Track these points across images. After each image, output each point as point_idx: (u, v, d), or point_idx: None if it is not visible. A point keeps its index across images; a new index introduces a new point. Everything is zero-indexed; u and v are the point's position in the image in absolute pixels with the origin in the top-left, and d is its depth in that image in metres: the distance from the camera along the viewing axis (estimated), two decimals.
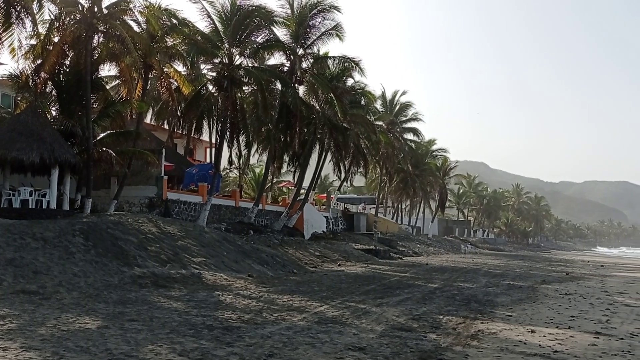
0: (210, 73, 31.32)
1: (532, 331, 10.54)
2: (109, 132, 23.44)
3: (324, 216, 42.37)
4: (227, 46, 28.01)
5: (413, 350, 8.46)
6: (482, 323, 11.35)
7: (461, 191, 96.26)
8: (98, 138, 22.74)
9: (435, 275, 23.77)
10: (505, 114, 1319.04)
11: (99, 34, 22.72)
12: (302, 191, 38.43)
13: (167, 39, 26.22)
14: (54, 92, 23.46)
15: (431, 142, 67.52)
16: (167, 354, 7.56)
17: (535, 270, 31.55)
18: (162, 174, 27.32)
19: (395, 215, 68.43)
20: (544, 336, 10.06)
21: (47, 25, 22.26)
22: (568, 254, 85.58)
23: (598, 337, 10.15)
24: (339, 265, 26.41)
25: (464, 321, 11.49)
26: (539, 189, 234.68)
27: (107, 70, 25.50)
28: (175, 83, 27.75)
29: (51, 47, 21.62)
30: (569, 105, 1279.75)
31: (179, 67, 28.22)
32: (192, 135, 34.43)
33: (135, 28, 24.12)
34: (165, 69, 26.18)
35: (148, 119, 35.10)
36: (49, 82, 22.66)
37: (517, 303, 15.12)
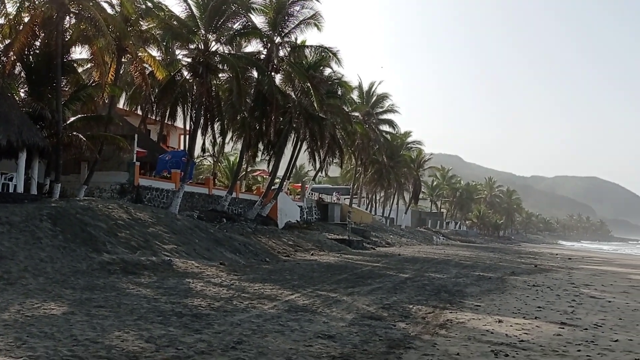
0: (185, 59, 30.86)
1: (500, 321, 10.70)
2: (79, 116, 22.95)
3: (298, 206, 42.34)
4: (203, 32, 27.61)
5: (382, 339, 8.51)
6: (451, 313, 11.48)
7: (435, 183, 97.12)
8: (68, 122, 22.23)
9: (407, 266, 23.97)
10: (480, 108, 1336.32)
11: (71, 15, 22.10)
12: (276, 180, 38.30)
13: (142, 23, 25.72)
14: (22, 74, 22.85)
15: (406, 134, 67.89)
16: (134, 340, 7.47)
17: (505, 262, 32.06)
18: (134, 160, 26.89)
19: (370, 206, 68.76)
20: (510, 326, 10.22)
21: (17, 5, 21.60)
22: (537, 246, 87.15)
23: (563, 328, 10.35)
24: (312, 254, 26.44)
25: (433, 311, 11.61)
26: (511, 182, 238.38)
27: (79, 52, 24.92)
28: (149, 68, 27.34)
29: (21, 27, 21.01)
30: (542, 101, 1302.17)
31: (154, 51, 27.80)
32: (165, 121, 33.96)
33: (109, 10, 23.57)
34: (139, 53, 25.71)
35: (121, 103, 34.51)
36: (18, 63, 22.03)
37: (485, 293, 15.34)
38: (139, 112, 35.66)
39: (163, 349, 7.15)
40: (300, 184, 51.32)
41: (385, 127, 59.17)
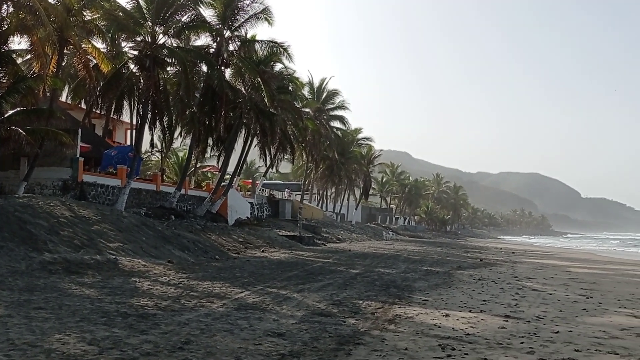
0: (131, 51, 29.99)
1: (447, 315, 10.90)
2: (18, 109, 21.92)
3: (249, 202, 42.01)
4: (150, 24, 26.93)
5: (332, 335, 8.51)
6: (399, 308, 11.62)
7: (384, 179, 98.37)
8: (6, 115, 21.21)
9: (357, 261, 24.16)
10: (430, 105, 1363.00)
11: (8, 3, 21.14)
12: (226, 176, 37.85)
13: (85, 13, 24.83)
14: None
15: (357, 130, 68.35)
16: (76, 343, 7.19)
17: (452, 257, 32.79)
18: (78, 155, 26.00)
19: (321, 202, 69.01)
20: (457, 320, 10.43)
21: None
22: (483, 241, 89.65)
23: (507, 320, 10.64)
24: (263, 251, 26.29)
25: (382, 306, 11.72)
26: (457, 178, 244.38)
27: (18, 43, 23.82)
28: (93, 60, 26.41)
29: None
30: (489, 100, 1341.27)
31: (98, 43, 26.85)
32: (111, 115, 32.91)
33: None
34: (83, 45, 24.81)
35: (63, 97, 33.27)
36: None
37: (433, 288, 15.61)
38: (83, 105, 34.44)
39: (107, 352, 6.92)
40: (250, 180, 50.99)
41: (336, 124, 59.32)
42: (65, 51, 25.03)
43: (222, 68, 32.02)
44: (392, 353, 7.64)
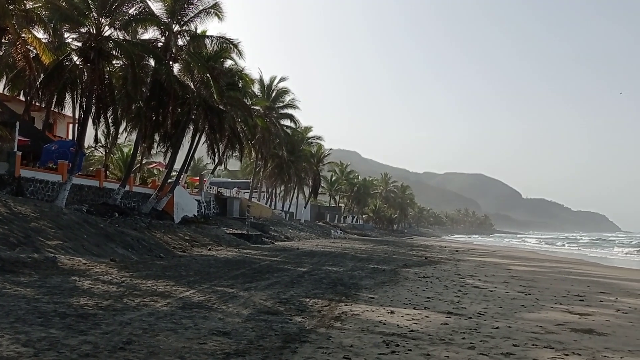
0: (75, 43, 28.97)
1: (392, 312, 11.06)
2: None
3: (196, 200, 41.40)
4: (95, 15, 26.08)
5: (278, 334, 8.48)
6: (346, 305, 11.71)
7: (334, 178, 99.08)
8: None
9: (305, 260, 24.20)
10: (378, 105, 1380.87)
11: None
12: (173, 173, 37.17)
13: (26, 2, 23.84)
14: None
15: (307, 129, 68.61)
16: (9, 345, 6.87)
17: (398, 255, 33.33)
18: (15, 149, 24.91)
19: (269, 200, 68.76)
20: (402, 316, 10.61)
21: None
22: (428, 239, 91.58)
23: (450, 317, 10.90)
24: (209, 249, 25.96)
25: (329, 304, 11.78)
26: (405, 178, 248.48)
27: None
28: (34, 50, 25.38)
29: None
30: (436, 101, 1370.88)
31: (39, 33, 25.81)
32: (52, 108, 31.71)
33: None
34: (23, 34, 23.79)
35: (0, 88, 31.83)
36: None
37: (379, 286, 15.82)
38: (22, 97, 33.04)
39: (43, 353, 6.65)
40: (198, 178, 50.23)
41: (286, 122, 59.41)
42: (3, 40, 23.92)
43: (171, 63, 31.39)
44: (338, 350, 7.68)
